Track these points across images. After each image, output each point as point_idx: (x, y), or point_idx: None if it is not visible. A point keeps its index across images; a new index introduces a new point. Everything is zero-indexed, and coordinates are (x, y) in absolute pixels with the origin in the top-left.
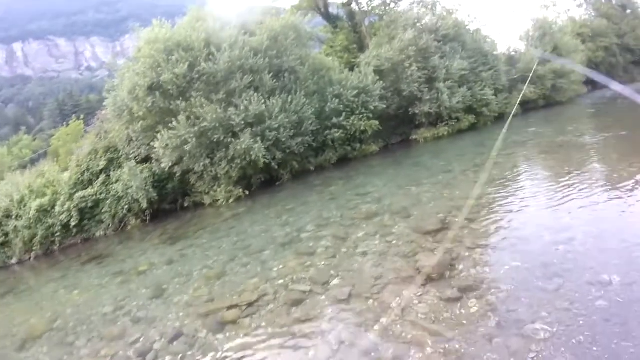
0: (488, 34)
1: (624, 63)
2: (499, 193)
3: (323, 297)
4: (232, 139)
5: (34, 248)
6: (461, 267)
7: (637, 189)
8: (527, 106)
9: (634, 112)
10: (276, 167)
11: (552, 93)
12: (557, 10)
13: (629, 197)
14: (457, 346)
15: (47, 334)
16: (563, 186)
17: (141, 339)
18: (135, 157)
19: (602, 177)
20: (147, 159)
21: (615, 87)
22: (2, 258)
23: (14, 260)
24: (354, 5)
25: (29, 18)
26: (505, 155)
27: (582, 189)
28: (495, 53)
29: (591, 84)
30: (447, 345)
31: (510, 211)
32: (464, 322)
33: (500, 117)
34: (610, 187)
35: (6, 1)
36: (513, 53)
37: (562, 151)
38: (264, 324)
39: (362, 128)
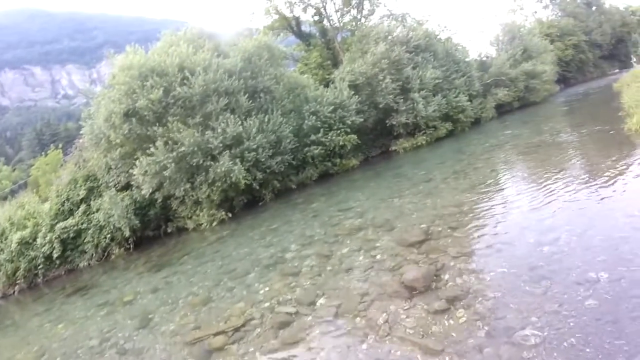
0: (459, 42)
1: (593, 59)
2: (481, 199)
3: (310, 317)
4: (212, 162)
5: (18, 281)
6: (447, 277)
7: (617, 182)
8: (502, 109)
9: (606, 107)
10: (258, 187)
11: (526, 94)
12: (524, 14)
13: (610, 191)
14: (447, 359)
15: None
16: (544, 186)
17: None
18: (115, 185)
19: (581, 173)
20: (127, 187)
21: None
22: None
23: None
24: (325, 22)
25: (3, 47)
26: (484, 160)
27: (563, 188)
28: (467, 60)
29: (563, 82)
30: (437, 359)
31: (493, 216)
32: (453, 333)
33: (477, 122)
34: (590, 183)
35: None
36: (485, 58)
37: (540, 151)
38: (251, 349)
39: (340, 143)
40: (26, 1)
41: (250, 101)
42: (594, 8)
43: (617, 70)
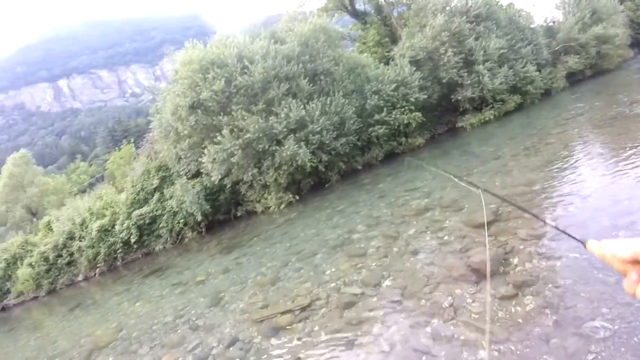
0: (522, 7)
1: None
2: (553, 177)
3: (375, 299)
4: (277, 147)
5: (98, 265)
6: (516, 261)
7: None
8: (574, 78)
9: None
10: (323, 169)
11: (598, 61)
12: None
13: None
14: (512, 347)
15: (113, 343)
16: (620, 164)
17: (200, 346)
18: (186, 174)
19: None
20: (197, 174)
21: None
22: (69, 276)
23: (80, 277)
24: None
25: (69, 56)
26: (556, 135)
27: None
28: (532, 26)
29: (637, 46)
30: (501, 347)
31: (566, 196)
32: (520, 321)
33: (547, 93)
34: None
35: (45, 44)
36: (551, 23)
37: (616, 124)
38: (316, 328)
39: (405, 121)
40: (82, 14)
41: (311, 84)
42: None
43: None
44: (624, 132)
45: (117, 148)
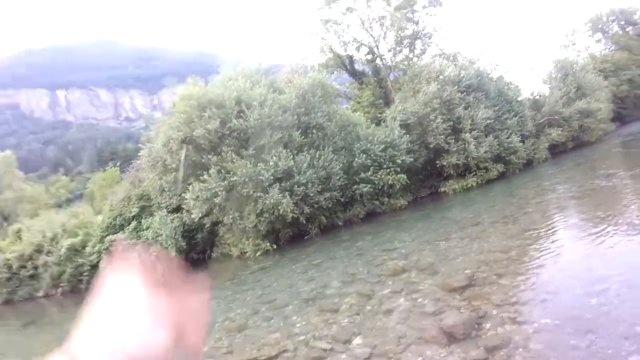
0: (511, 80)
1: None
2: (529, 245)
3: (343, 355)
4: (261, 194)
5: (62, 284)
6: (488, 325)
7: None
8: (556, 149)
9: None
10: (304, 221)
11: (580, 134)
12: (577, 49)
13: None
14: None
15: None
16: (596, 234)
17: None
18: (167, 207)
19: (637, 221)
20: (178, 209)
21: None
22: (29, 290)
23: (40, 293)
24: (378, 61)
25: (72, 69)
26: (535, 204)
27: (617, 236)
28: (519, 99)
29: (619, 119)
30: None
31: (542, 264)
32: None
33: (529, 164)
34: None
35: (51, 53)
36: (537, 97)
37: (593, 195)
38: None
39: (390, 182)
40: (93, 32)
41: (303, 137)
42: None
43: None
44: (601, 202)
45: (102, 169)
